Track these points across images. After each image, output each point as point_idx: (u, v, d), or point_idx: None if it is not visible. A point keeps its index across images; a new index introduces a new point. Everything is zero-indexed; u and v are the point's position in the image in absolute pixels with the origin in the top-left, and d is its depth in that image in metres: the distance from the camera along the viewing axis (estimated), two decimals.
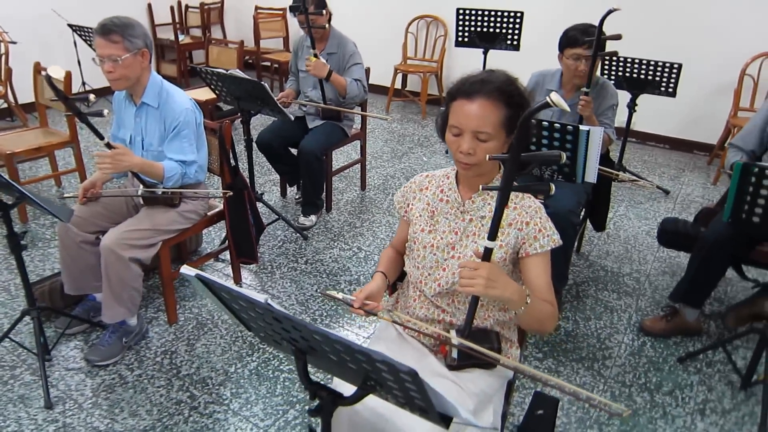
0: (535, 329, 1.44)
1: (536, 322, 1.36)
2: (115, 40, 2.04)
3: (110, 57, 2.04)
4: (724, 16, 4.34)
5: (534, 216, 1.42)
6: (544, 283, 1.40)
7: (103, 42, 2.04)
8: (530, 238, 1.40)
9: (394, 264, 1.66)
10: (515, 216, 1.43)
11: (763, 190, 1.89)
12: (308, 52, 3.27)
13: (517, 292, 1.29)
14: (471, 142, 1.35)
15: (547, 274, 1.41)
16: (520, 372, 1.43)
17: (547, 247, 1.40)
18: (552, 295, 1.40)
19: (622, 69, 3.73)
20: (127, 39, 2.05)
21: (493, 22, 4.11)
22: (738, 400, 2.17)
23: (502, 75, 1.37)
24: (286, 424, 1.99)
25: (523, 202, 1.44)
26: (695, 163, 4.61)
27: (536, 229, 1.40)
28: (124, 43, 2.05)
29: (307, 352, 1.13)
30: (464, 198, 1.48)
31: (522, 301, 1.29)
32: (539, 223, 1.41)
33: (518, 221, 1.42)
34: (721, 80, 4.44)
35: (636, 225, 3.51)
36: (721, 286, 2.90)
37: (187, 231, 2.40)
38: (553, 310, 1.38)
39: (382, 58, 5.41)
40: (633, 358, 2.36)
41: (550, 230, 1.41)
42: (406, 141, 4.88)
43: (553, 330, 1.45)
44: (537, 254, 1.40)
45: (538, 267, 1.40)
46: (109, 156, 2.05)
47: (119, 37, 2.04)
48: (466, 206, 1.48)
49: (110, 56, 2.04)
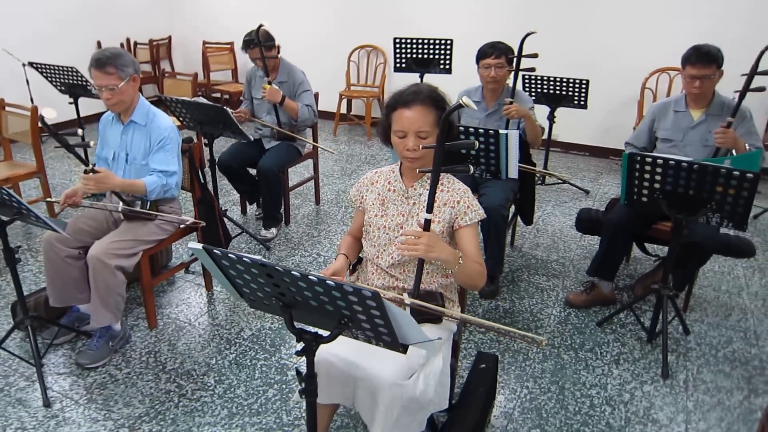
0: (469, 285, 1.80)
1: (469, 278, 1.73)
2: (110, 72, 2.32)
3: (108, 87, 2.33)
4: (626, 37, 4.98)
5: (463, 196, 1.80)
6: (474, 248, 1.77)
7: (100, 74, 2.32)
8: (461, 213, 1.78)
9: (353, 247, 2.00)
10: (448, 197, 1.80)
11: (646, 174, 2.35)
12: (261, 81, 3.62)
13: (452, 254, 1.65)
14: (414, 140, 1.72)
15: (477, 241, 1.79)
16: (462, 320, 1.79)
17: (475, 219, 1.78)
18: (481, 258, 1.78)
19: (540, 86, 4.26)
20: (119, 69, 2.34)
21: (426, 49, 4.58)
22: (645, 350, 2.60)
23: (427, 87, 1.76)
24: (267, 401, 2.27)
25: (453, 186, 1.82)
26: (611, 167, 5.19)
27: (465, 205, 1.78)
28: (118, 73, 2.34)
29: (293, 306, 1.44)
30: (408, 186, 1.85)
31: (456, 261, 1.66)
32: (467, 201, 1.79)
33: (451, 201, 1.79)
34: (627, 93, 5.07)
35: (561, 220, 3.99)
36: (632, 265, 3.39)
37: (164, 241, 2.66)
38: (482, 269, 1.75)
39: (327, 85, 5.80)
40: (560, 326, 2.77)
41: (476, 207, 1.80)
42: (354, 160, 5.26)
43: (483, 285, 1.80)
44: (467, 226, 1.78)
45: (468, 236, 1.78)
46: (94, 179, 2.31)
47: (113, 68, 2.33)
48: (410, 193, 1.84)
49: (107, 86, 2.33)
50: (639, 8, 4.86)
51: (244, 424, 2.15)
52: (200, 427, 2.13)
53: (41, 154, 3.59)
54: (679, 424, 2.19)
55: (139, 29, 6.61)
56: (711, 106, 2.77)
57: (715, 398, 2.32)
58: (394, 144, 1.79)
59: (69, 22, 5.93)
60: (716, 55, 2.62)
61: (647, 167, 2.33)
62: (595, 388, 2.36)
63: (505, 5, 5.35)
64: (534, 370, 2.47)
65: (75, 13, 5.97)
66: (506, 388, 2.35)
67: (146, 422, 2.15)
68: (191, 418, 2.17)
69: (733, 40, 3.42)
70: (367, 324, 1.35)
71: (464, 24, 5.46)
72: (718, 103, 2.76)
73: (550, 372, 2.45)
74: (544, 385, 2.38)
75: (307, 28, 6.30)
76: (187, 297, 3.00)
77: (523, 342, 2.61)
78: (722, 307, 2.98)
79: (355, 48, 6.10)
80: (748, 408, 2.28)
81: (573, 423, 2.18)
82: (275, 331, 2.71)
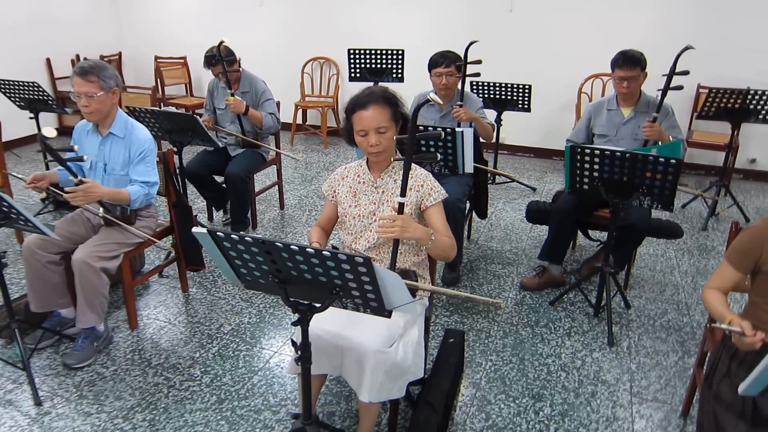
0: (443, 257, 2.01)
1: (442, 252, 1.95)
2: (91, 80, 2.43)
3: (87, 94, 2.42)
4: (563, 44, 5.40)
5: (425, 180, 2.03)
6: (442, 224, 2.00)
7: (81, 81, 2.42)
8: (426, 195, 2.01)
9: (323, 237, 2.18)
10: (413, 183, 2.02)
11: (587, 164, 2.66)
12: (224, 92, 3.77)
13: (424, 232, 1.88)
14: (375, 136, 1.94)
15: (444, 218, 2.01)
16: (433, 291, 2.01)
17: (438, 199, 2.01)
18: (449, 232, 2.01)
19: (486, 91, 4.58)
20: (102, 79, 2.45)
21: (379, 59, 4.84)
22: (593, 323, 2.90)
23: (379, 88, 1.99)
24: (253, 386, 2.42)
25: (416, 172, 2.04)
26: (554, 166, 5.58)
27: (429, 188, 2.01)
28: (100, 83, 2.44)
29: (288, 282, 1.62)
30: (375, 177, 2.06)
31: (428, 238, 1.88)
32: (430, 183, 2.02)
33: (416, 185, 2.01)
34: (565, 98, 5.48)
35: (512, 215, 4.30)
36: (577, 252, 3.71)
37: (144, 244, 2.77)
38: (452, 242, 1.98)
39: (282, 96, 5.90)
40: (517, 307, 3.04)
41: (438, 188, 2.03)
42: (313, 167, 5.45)
43: (454, 256, 2.02)
44: (433, 205, 2.01)
45: (435, 214, 2.01)
46: (81, 190, 2.39)
47: (95, 77, 2.43)
48: (378, 183, 2.06)
49: (86, 93, 2.42)
50: (573, 19, 5.29)
51: (233, 407, 2.29)
52: (192, 413, 2.26)
53: (5, 169, 3.60)
54: (625, 383, 2.47)
55: (89, 44, 6.58)
56: (639, 104, 3.12)
57: (654, 360, 2.63)
58: (358, 143, 2.00)
59: (16, 38, 5.86)
60: (640, 59, 2.97)
61: (587, 158, 2.63)
62: (551, 357, 2.63)
63: (451, 18, 5.69)
64: (496, 345, 2.72)
65: (22, 29, 5.90)
66: (472, 362, 2.59)
67: (139, 412, 2.26)
68: (182, 406, 2.30)
69: (654, 46, 3.83)
70: (356, 291, 1.54)
71: (413, 35, 5.75)
72: (645, 101, 3.12)
73: (510, 346, 2.71)
74: (506, 358, 2.63)
75: (260, 41, 6.45)
76: (164, 299, 3.10)
77: (485, 307, 2.86)
78: (657, 284, 3.33)
79: (309, 60, 6.30)
80: (682, 367, 2.59)
81: (533, 387, 2.43)
82: (254, 324, 2.86)
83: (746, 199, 4.75)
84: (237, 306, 3.03)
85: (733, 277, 1.75)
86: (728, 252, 1.78)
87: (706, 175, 5.34)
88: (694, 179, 5.28)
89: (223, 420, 2.22)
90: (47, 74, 6.26)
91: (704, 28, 4.93)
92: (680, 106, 4.78)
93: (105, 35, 6.91)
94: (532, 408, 2.31)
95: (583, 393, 2.40)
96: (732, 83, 4.37)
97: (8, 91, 3.98)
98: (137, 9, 6.99)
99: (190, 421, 2.22)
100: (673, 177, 2.49)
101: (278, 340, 2.73)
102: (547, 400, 2.35)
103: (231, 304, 3.04)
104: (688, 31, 4.91)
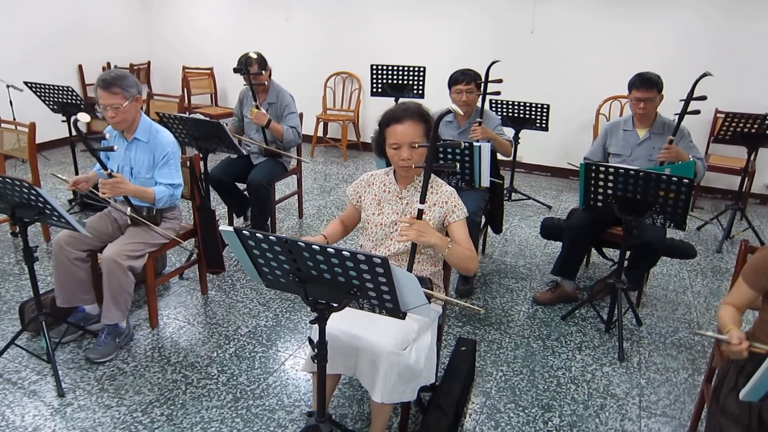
0: (461, 267, 2.05)
1: (461, 261, 2.00)
2: (115, 92, 2.54)
3: (112, 106, 2.54)
4: (583, 68, 5.47)
5: (450, 197, 2.10)
6: (465, 238, 2.06)
7: (106, 94, 2.53)
8: (450, 211, 2.07)
9: (338, 231, 2.25)
10: (437, 198, 2.09)
11: (601, 181, 2.71)
12: (252, 102, 3.88)
13: (440, 238, 1.94)
14: (408, 151, 2.01)
15: (467, 233, 2.07)
16: (445, 301, 2.07)
17: (462, 216, 2.08)
18: (471, 246, 2.07)
19: (505, 109, 4.66)
20: (124, 89, 2.56)
21: (401, 75, 4.95)
22: (604, 339, 2.93)
23: (414, 104, 2.07)
24: (268, 386, 2.48)
25: (441, 189, 2.11)
26: (571, 185, 5.62)
27: (453, 205, 2.08)
28: (123, 93, 2.56)
29: (307, 281, 1.69)
30: (401, 188, 2.14)
31: (445, 244, 1.95)
32: (454, 201, 2.09)
33: (440, 201, 2.08)
34: (583, 119, 5.54)
35: (527, 231, 4.34)
36: (591, 269, 3.74)
37: (167, 245, 2.86)
38: (472, 254, 2.04)
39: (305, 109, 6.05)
40: (529, 320, 3.08)
41: (462, 206, 2.10)
42: (332, 179, 5.55)
43: (475, 270, 2.08)
44: (456, 222, 2.07)
45: (459, 229, 2.07)
46: (110, 183, 2.51)
47: (119, 89, 2.55)
48: (403, 194, 2.13)
49: (112, 105, 2.54)
50: (594, 42, 5.37)
51: (248, 406, 2.36)
52: (208, 410, 2.33)
53: (38, 170, 3.74)
54: (634, 397, 2.50)
55: (120, 53, 6.81)
56: (654, 126, 3.17)
57: (664, 376, 2.65)
58: (390, 155, 2.08)
59: (51, 46, 6.09)
60: (656, 81, 3.03)
61: (601, 175, 2.68)
62: (561, 370, 2.66)
63: (473, 37, 5.80)
64: (507, 356, 2.75)
65: (56, 37, 6.14)
66: (483, 372, 2.63)
67: (157, 407, 2.34)
68: (199, 402, 2.37)
69: (673, 70, 3.88)
70: (373, 292, 1.61)
71: (435, 53, 5.87)
72: (660, 123, 3.17)
73: (521, 358, 2.75)
74: (516, 369, 2.66)
75: (285, 55, 6.61)
76: (184, 300, 3.19)
77: (497, 318, 2.91)
78: (670, 303, 3.35)
79: (332, 74, 6.44)
80: (692, 384, 2.61)
81: (543, 398, 2.47)
82: (270, 328, 2.93)
83: (762, 224, 4.75)
84: (254, 309, 3.10)
85: (747, 294, 1.79)
86: (744, 270, 1.82)
87: (722, 199, 5.34)
88: (711, 203, 5.28)
89: (239, 417, 2.29)
90: (78, 80, 6.48)
91: (722, 54, 4.98)
92: (697, 129, 4.81)
93: (135, 45, 7.14)
94: (541, 418, 2.35)
95: (592, 405, 2.43)
96: (749, 108, 4.39)
97: (43, 95, 4.14)
98: (167, 21, 7.22)
99: (206, 417, 2.29)
100: (686, 196, 2.54)
101: (294, 344, 2.80)
102: (556, 411, 2.39)
103: (249, 307, 3.12)
104: (706, 57, 4.97)
